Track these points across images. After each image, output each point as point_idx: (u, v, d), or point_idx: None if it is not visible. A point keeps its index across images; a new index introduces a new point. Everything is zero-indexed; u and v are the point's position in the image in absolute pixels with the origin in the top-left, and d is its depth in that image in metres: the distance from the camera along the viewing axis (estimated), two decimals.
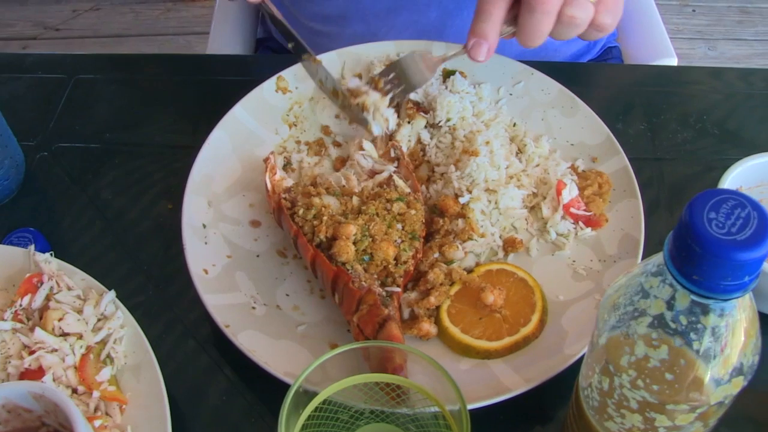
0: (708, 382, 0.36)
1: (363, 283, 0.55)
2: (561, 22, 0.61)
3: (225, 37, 1.05)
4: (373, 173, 0.65)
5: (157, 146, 0.76)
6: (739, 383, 0.37)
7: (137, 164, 0.75)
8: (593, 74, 0.86)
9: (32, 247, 0.61)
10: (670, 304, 0.35)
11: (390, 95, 0.66)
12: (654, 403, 0.37)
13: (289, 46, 0.69)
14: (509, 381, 0.54)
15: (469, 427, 0.41)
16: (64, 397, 0.47)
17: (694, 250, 0.32)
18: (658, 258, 0.36)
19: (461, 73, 0.75)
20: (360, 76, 0.78)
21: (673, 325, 0.35)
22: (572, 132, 0.72)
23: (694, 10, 2.69)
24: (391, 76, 0.67)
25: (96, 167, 0.75)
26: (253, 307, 0.60)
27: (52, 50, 2.63)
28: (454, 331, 0.58)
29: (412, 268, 0.59)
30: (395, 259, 0.58)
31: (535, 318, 0.59)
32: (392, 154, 0.67)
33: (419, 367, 0.47)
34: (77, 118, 0.80)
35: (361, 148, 0.69)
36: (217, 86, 0.83)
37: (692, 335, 0.35)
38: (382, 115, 0.67)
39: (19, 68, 0.85)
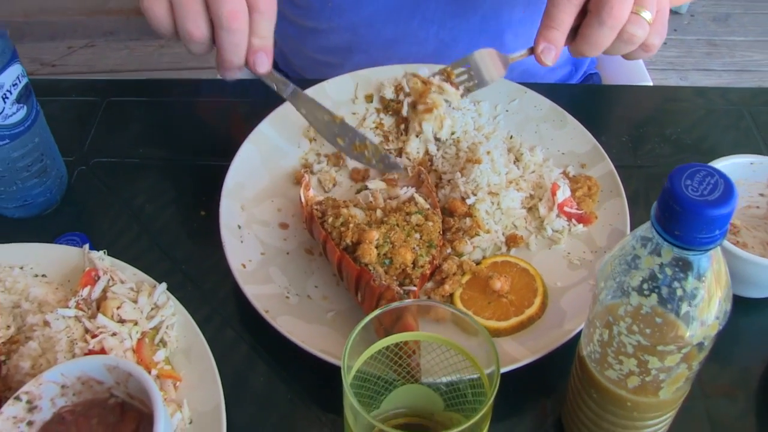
0: (690, 325, 0.44)
1: (383, 281, 0.63)
2: (620, 38, 0.69)
3: None
4: (395, 196, 0.74)
5: (186, 160, 0.84)
6: (716, 326, 0.45)
7: (169, 176, 0.83)
8: (579, 94, 0.96)
9: (86, 246, 0.68)
10: (657, 260, 0.43)
11: (461, 88, 0.75)
12: (646, 345, 0.45)
13: (302, 112, 0.74)
14: (517, 353, 0.62)
15: (499, 376, 0.48)
16: (137, 367, 0.54)
17: (675, 209, 0.40)
18: (646, 225, 0.44)
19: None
20: (371, 98, 0.86)
21: (660, 277, 0.43)
22: (563, 142, 0.81)
23: (665, 43, 2.82)
24: (463, 69, 0.75)
25: (131, 179, 0.83)
26: (287, 297, 0.68)
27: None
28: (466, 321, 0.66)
29: (428, 272, 0.67)
30: (413, 263, 0.66)
31: (537, 301, 0.67)
32: (420, 177, 0.75)
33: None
34: (111, 136, 0.88)
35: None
36: (236, 107, 0.92)
37: (676, 285, 0.43)
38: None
39: (55, 91, 0.93)
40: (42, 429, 0.55)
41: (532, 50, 0.72)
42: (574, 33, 0.71)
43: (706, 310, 0.44)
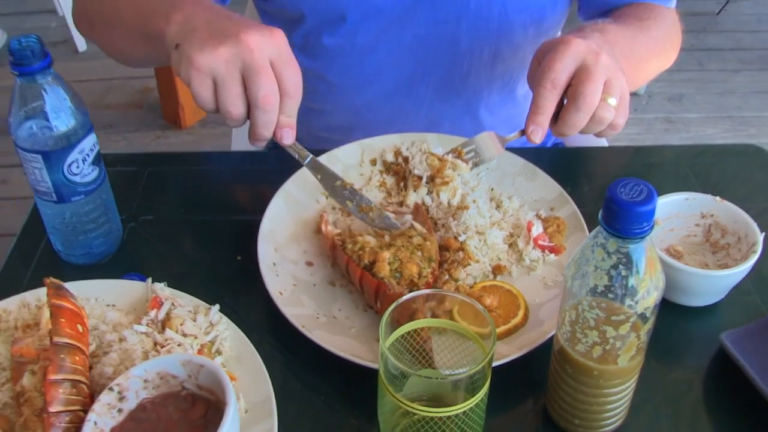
0: (634, 298, 0.60)
1: (396, 290, 0.78)
2: (593, 120, 0.85)
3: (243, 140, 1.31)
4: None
5: (222, 216, 1.00)
6: (653, 299, 0.61)
7: (208, 230, 0.98)
8: (546, 154, 1.14)
9: (149, 279, 0.83)
10: (605, 250, 0.59)
11: (470, 163, 0.93)
12: (603, 317, 0.61)
13: (318, 177, 0.91)
14: (506, 351, 0.77)
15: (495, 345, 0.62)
16: (207, 359, 0.68)
17: (614, 209, 0.56)
18: (596, 229, 0.60)
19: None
20: (375, 161, 1.03)
21: (608, 263, 0.59)
22: (535, 191, 0.98)
23: (627, 122, 3.06)
24: (470, 148, 0.93)
25: (174, 233, 0.98)
26: (317, 317, 0.82)
27: None
28: (464, 325, 0.81)
29: (431, 280, 0.82)
30: (418, 274, 0.81)
31: (520, 313, 0.82)
32: (419, 210, 0.92)
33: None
34: (154, 198, 1.03)
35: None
36: (256, 174, 1.08)
37: (621, 268, 0.59)
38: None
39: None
40: (128, 415, 0.68)
41: (523, 132, 0.88)
42: (556, 117, 0.87)
43: (644, 286, 0.60)
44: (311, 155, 0.90)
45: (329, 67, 1.15)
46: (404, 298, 0.65)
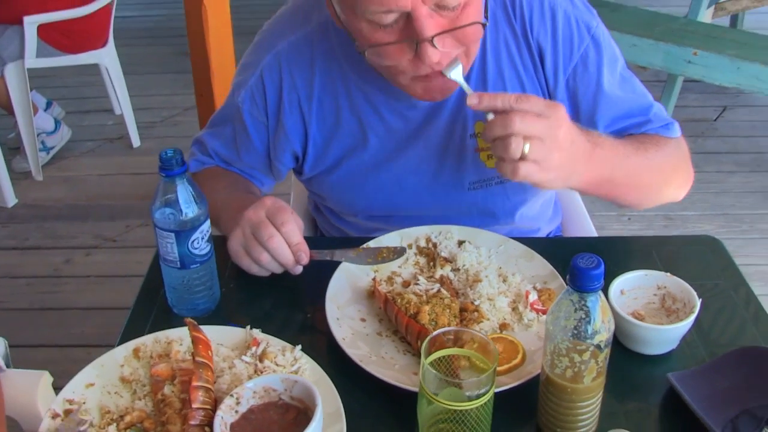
0: (591, 332, 0.89)
1: (433, 333, 1.08)
2: (504, 144, 1.02)
3: None
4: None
5: (293, 284, 1.30)
6: (606, 335, 0.90)
7: (283, 294, 1.28)
8: (542, 242, 1.44)
9: (249, 326, 1.13)
10: (571, 301, 0.89)
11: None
12: (571, 347, 0.90)
13: (341, 260, 1.25)
14: (508, 381, 1.06)
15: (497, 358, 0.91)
16: (301, 377, 0.97)
17: (576, 273, 0.87)
18: (566, 288, 0.90)
19: (469, 242, 1.33)
20: (411, 246, 1.34)
21: (574, 308, 0.89)
22: (532, 270, 1.28)
23: (629, 219, 3.37)
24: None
25: (256, 296, 1.28)
26: (370, 357, 1.12)
27: (110, 258, 3.19)
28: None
29: None
30: (447, 324, 1.11)
31: (519, 356, 1.11)
32: (443, 281, 1.23)
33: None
34: (242, 270, 1.34)
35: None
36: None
37: (582, 312, 0.89)
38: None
39: None
40: (242, 416, 0.97)
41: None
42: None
43: (598, 326, 0.89)
44: (334, 250, 1.26)
45: (372, 233, 1.42)
46: (440, 330, 0.95)
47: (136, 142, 3.96)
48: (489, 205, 1.40)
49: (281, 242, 1.16)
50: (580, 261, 0.87)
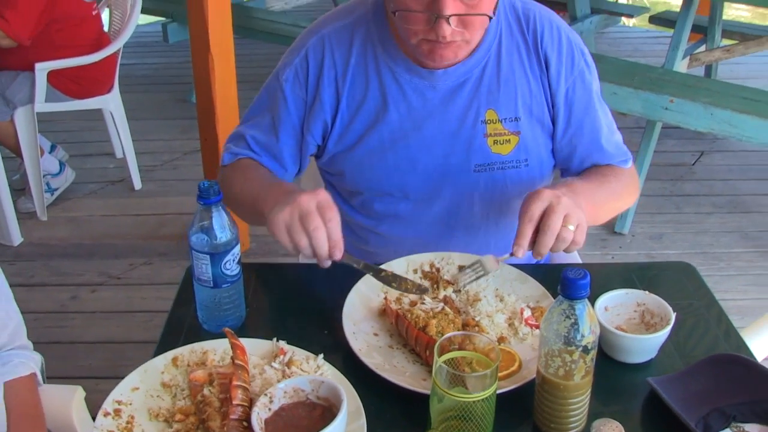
0: (579, 336, 1.03)
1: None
2: (557, 241, 1.27)
3: None
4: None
5: (311, 304, 1.44)
6: (591, 338, 1.04)
7: (305, 314, 1.42)
8: (532, 268, 1.59)
9: (275, 338, 1.26)
10: (562, 308, 1.03)
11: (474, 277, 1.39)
12: (562, 348, 1.04)
13: (370, 273, 1.39)
14: (507, 384, 1.19)
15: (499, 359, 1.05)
16: (328, 378, 1.10)
17: (566, 283, 1.01)
18: (558, 297, 1.05)
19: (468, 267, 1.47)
20: (416, 270, 1.49)
21: (564, 314, 1.03)
22: (526, 290, 1.43)
23: (613, 257, 3.52)
24: (476, 264, 1.40)
25: (280, 316, 1.42)
26: (384, 365, 1.26)
27: (115, 295, 3.30)
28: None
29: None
30: None
31: (516, 364, 1.25)
32: (447, 300, 1.37)
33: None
34: (264, 292, 1.48)
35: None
36: (335, 277, 1.54)
37: (570, 317, 1.03)
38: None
39: None
40: (274, 413, 1.10)
41: (512, 253, 1.34)
42: (533, 243, 1.33)
43: (585, 328, 1.04)
44: (362, 261, 1.37)
45: (379, 225, 1.63)
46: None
47: (137, 184, 4.09)
48: (489, 190, 1.55)
49: (323, 236, 1.27)
50: (569, 273, 1.02)
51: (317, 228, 1.28)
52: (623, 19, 5.84)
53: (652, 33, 6.29)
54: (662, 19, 4.92)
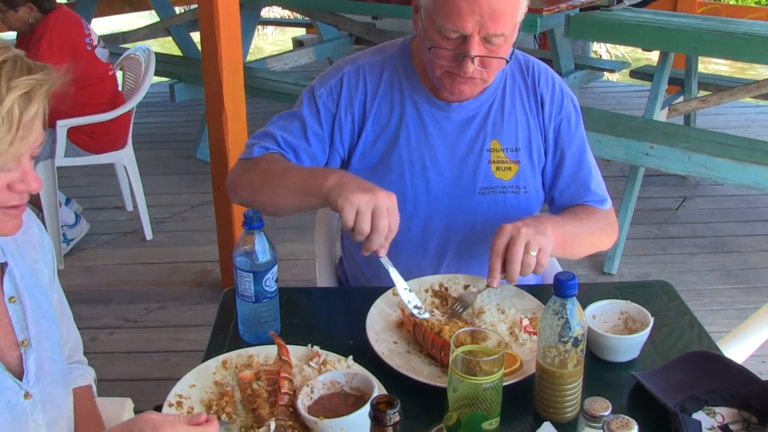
0: (569, 329, 1.24)
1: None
2: (523, 266, 1.49)
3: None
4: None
5: (338, 316, 1.64)
6: (581, 331, 1.25)
7: (331, 327, 1.62)
8: (528, 287, 1.80)
9: (310, 344, 1.46)
10: (555, 307, 1.24)
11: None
12: (556, 340, 1.25)
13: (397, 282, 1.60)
14: (510, 379, 1.39)
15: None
16: (361, 369, 1.30)
17: (558, 283, 1.23)
18: (552, 297, 1.26)
19: (472, 286, 1.68)
20: (427, 290, 1.69)
21: (556, 312, 1.24)
22: (524, 304, 1.64)
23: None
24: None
25: (310, 330, 1.62)
26: (405, 367, 1.45)
27: (133, 336, 3.47)
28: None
29: None
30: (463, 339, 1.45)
31: (517, 363, 1.45)
32: (455, 314, 1.58)
33: None
34: (296, 309, 1.67)
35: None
36: (357, 297, 1.74)
37: (561, 313, 1.24)
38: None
39: None
40: (314, 401, 1.29)
41: (488, 285, 1.57)
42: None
43: (574, 323, 1.25)
44: (394, 268, 1.58)
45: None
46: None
47: (148, 235, 4.29)
48: (490, 211, 1.77)
49: (383, 235, 1.46)
50: (560, 275, 1.24)
51: (384, 227, 1.49)
52: (606, 74, 6.18)
53: (634, 87, 6.64)
54: (642, 73, 5.24)
